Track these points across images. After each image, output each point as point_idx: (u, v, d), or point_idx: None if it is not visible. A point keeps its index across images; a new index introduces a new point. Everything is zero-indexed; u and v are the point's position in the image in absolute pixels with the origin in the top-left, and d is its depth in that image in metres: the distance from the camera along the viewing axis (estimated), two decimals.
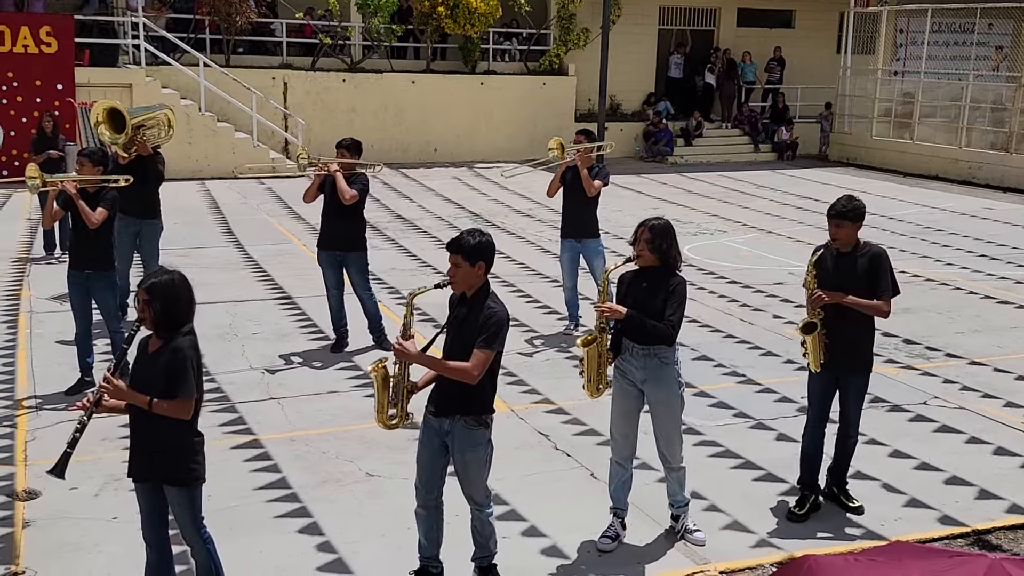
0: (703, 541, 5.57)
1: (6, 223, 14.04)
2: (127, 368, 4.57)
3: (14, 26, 17.13)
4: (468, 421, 4.76)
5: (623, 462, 5.54)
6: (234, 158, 18.87)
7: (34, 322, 9.30)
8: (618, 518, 5.58)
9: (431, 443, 4.87)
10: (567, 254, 9.27)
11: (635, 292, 5.36)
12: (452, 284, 4.78)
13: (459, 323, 4.77)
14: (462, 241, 4.69)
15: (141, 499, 4.48)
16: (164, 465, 4.39)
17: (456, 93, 21.87)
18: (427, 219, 15.35)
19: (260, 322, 9.59)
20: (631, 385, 5.40)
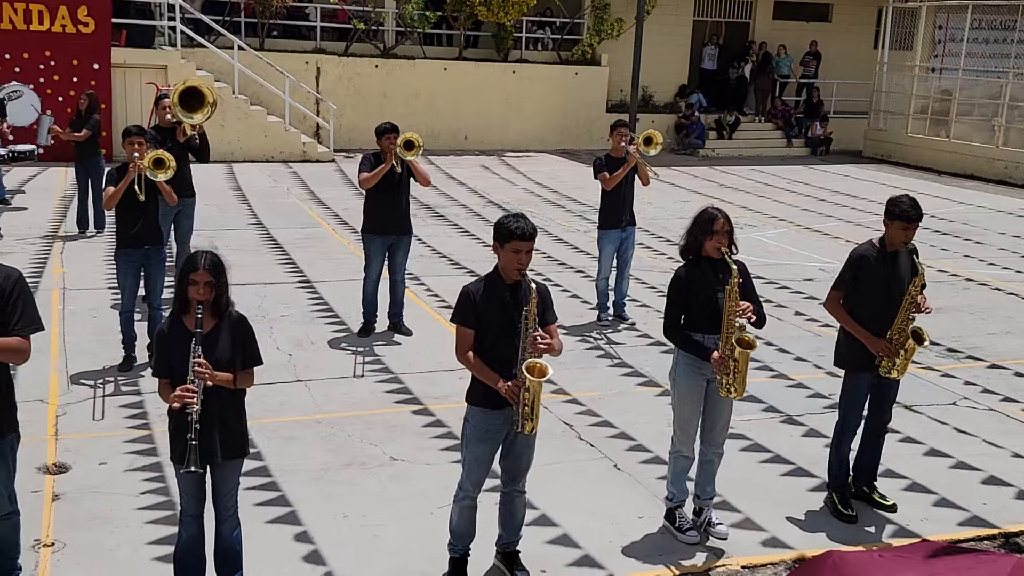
0: (726, 535, 5.55)
1: (41, 200, 14.20)
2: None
3: (52, 6, 17.29)
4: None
5: (691, 454, 5.53)
6: (265, 141, 19.01)
7: (66, 298, 9.42)
8: (685, 508, 5.59)
9: (495, 436, 4.79)
10: (611, 245, 9.26)
11: (716, 284, 5.26)
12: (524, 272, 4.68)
13: (519, 307, 4.64)
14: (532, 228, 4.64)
15: (192, 477, 4.39)
16: (231, 440, 4.43)
17: (487, 81, 21.85)
18: (453, 207, 15.37)
19: (289, 304, 9.65)
20: (702, 378, 5.36)
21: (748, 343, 5.14)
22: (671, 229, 14.17)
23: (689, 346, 5.29)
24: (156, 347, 4.53)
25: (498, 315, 4.66)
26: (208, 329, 4.36)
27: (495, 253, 4.73)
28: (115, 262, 7.75)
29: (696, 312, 5.29)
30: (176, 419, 4.36)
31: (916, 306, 5.61)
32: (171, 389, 4.31)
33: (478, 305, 4.66)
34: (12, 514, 4.47)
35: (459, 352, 4.70)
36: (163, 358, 4.40)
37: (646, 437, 6.88)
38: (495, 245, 4.69)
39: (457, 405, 7.14)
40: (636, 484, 6.20)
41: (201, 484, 4.46)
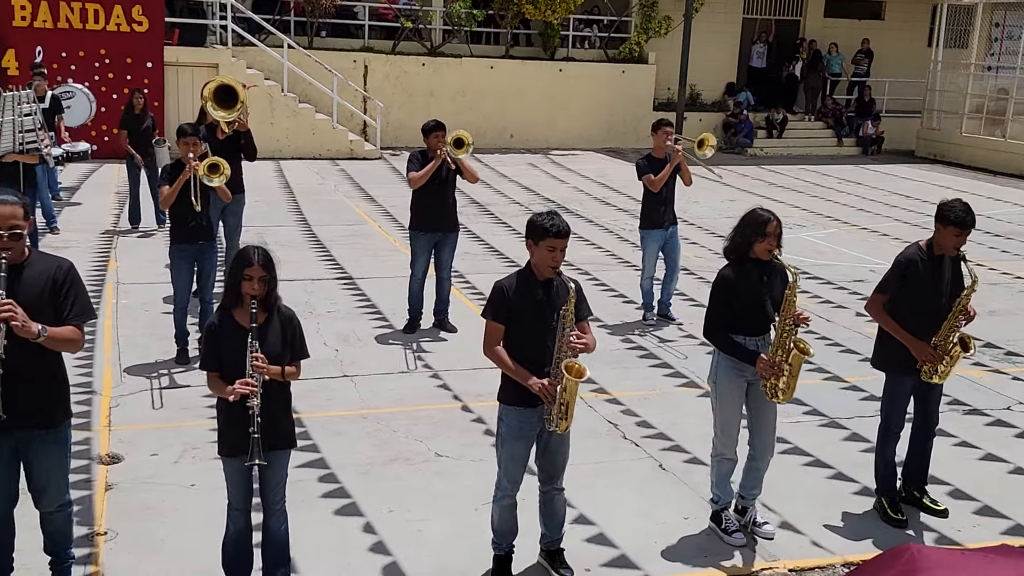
0: (772, 534, 5.51)
1: (96, 196, 14.47)
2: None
3: (108, 5, 17.59)
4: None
5: (733, 456, 5.49)
6: (313, 139, 19.19)
7: (120, 292, 9.59)
8: (731, 509, 5.56)
9: (529, 434, 4.78)
10: (655, 244, 9.22)
11: (761, 287, 5.23)
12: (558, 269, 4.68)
13: (552, 305, 4.68)
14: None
15: (241, 470, 4.43)
16: (281, 432, 4.50)
17: (534, 79, 21.85)
18: (500, 204, 15.39)
19: (335, 300, 9.74)
20: (743, 380, 5.32)
21: (805, 349, 5.09)
22: (718, 228, 14.06)
23: (732, 349, 5.24)
24: (205, 341, 4.57)
25: (530, 311, 4.66)
26: (262, 321, 4.41)
27: (528, 250, 4.73)
28: (169, 257, 7.87)
29: (739, 314, 5.24)
30: (227, 412, 4.42)
31: (965, 313, 5.52)
32: (220, 383, 4.37)
33: (511, 300, 4.66)
34: (66, 505, 4.55)
35: (487, 347, 4.69)
36: (213, 352, 4.44)
37: (691, 438, 6.84)
38: (529, 242, 4.69)
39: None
40: (681, 485, 6.17)
41: (249, 477, 4.50)
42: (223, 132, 9.03)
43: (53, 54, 17.10)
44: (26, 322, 4.04)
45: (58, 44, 17.25)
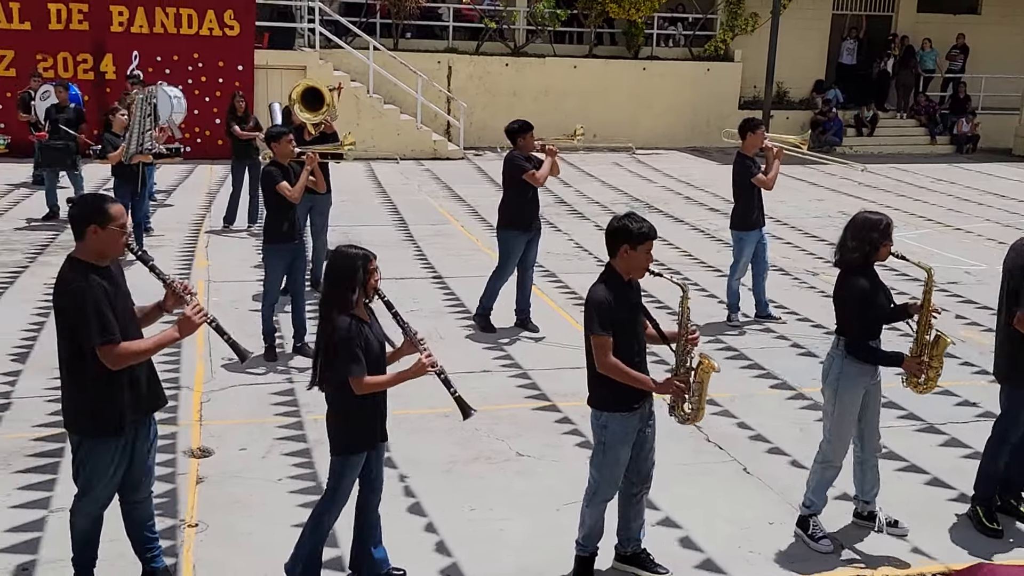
0: (906, 531, 5.46)
1: (188, 195, 14.88)
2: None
3: (201, 9, 18.08)
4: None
5: (840, 464, 5.40)
6: (398, 139, 19.41)
7: (211, 290, 9.84)
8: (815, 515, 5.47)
9: (633, 437, 4.79)
10: (752, 246, 9.10)
11: (884, 290, 5.27)
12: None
13: (639, 305, 4.79)
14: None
15: (357, 465, 4.61)
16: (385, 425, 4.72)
17: (617, 78, 21.73)
18: (583, 203, 15.35)
19: (418, 299, 9.83)
20: (869, 384, 5.25)
21: (946, 339, 5.20)
22: (805, 228, 13.79)
23: (883, 357, 5.23)
24: (349, 348, 4.42)
25: (628, 317, 4.70)
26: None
27: (621, 257, 4.69)
28: (264, 256, 8.03)
29: (872, 320, 5.20)
30: (359, 406, 4.49)
31: None
32: (374, 379, 4.47)
33: (614, 311, 4.65)
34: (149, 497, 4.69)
35: (603, 360, 4.63)
36: (359, 353, 4.44)
37: (777, 441, 6.73)
38: (624, 248, 4.66)
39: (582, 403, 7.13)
40: (766, 489, 6.06)
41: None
42: (309, 133, 9.23)
43: (148, 58, 17.64)
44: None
45: (153, 48, 17.78)
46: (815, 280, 11.12)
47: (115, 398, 4.25)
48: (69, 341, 4.19)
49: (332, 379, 4.51)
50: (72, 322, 4.13)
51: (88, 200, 4.31)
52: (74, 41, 17.47)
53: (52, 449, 6.14)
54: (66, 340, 4.21)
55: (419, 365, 4.52)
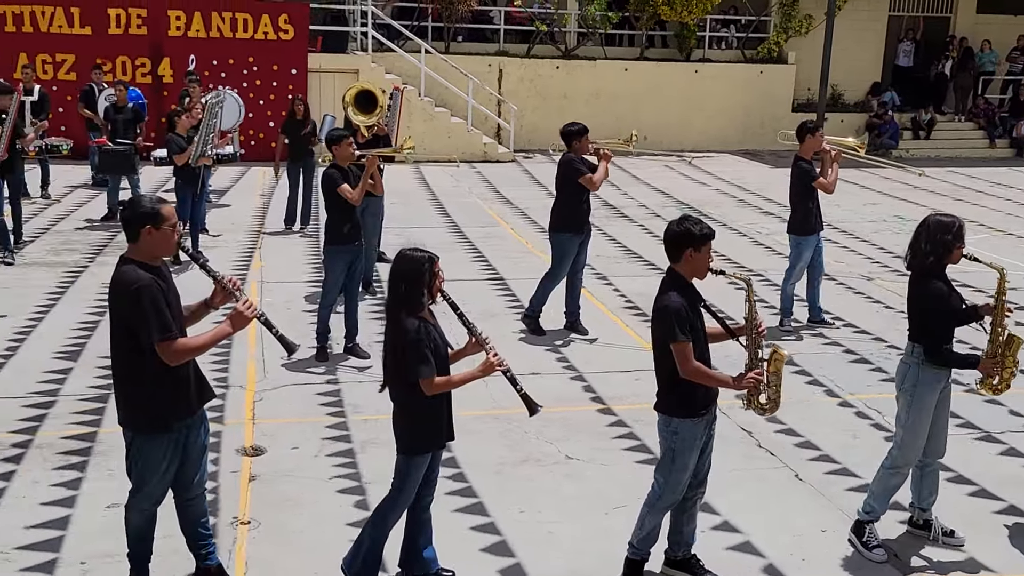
0: (963, 541, 5.37)
1: (243, 197, 15.09)
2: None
3: (256, 14, 18.33)
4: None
5: (908, 471, 5.35)
6: (449, 142, 19.49)
7: (264, 291, 9.96)
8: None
9: (700, 441, 4.79)
10: (810, 251, 9.00)
11: (954, 292, 5.22)
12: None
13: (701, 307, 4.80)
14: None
15: (423, 464, 4.65)
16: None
17: (669, 81, 21.61)
18: (631, 207, 15.29)
19: (468, 301, 9.84)
20: (939, 391, 5.20)
21: (1020, 340, 5.20)
22: (859, 233, 13.60)
23: (960, 360, 5.20)
24: (418, 349, 4.47)
25: (698, 320, 4.71)
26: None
27: (686, 261, 4.68)
28: (325, 258, 8.09)
29: (948, 323, 5.16)
30: (427, 407, 4.54)
31: None
32: (442, 379, 4.53)
33: (690, 317, 4.66)
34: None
35: (688, 367, 4.62)
36: (428, 356, 4.48)
37: (829, 447, 6.64)
38: (689, 252, 4.66)
39: (633, 406, 7.14)
40: (819, 496, 5.98)
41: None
42: (363, 136, 9.31)
43: (205, 62, 17.92)
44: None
45: (210, 52, 18.06)
46: (869, 286, 10.96)
47: (167, 395, 4.34)
48: (126, 339, 4.27)
49: (401, 380, 4.54)
50: (131, 320, 4.21)
51: (141, 202, 4.38)
52: (133, 45, 17.81)
53: (103, 447, 6.25)
54: (123, 338, 4.29)
55: (487, 365, 4.58)
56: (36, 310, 9.05)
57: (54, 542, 5.17)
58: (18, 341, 8.22)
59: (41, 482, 5.81)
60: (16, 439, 6.37)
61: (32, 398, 7.04)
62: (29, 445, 6.29)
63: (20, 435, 6.42)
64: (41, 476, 5.88)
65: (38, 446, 6.28)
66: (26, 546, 5.12)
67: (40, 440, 6.37)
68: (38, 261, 10.84)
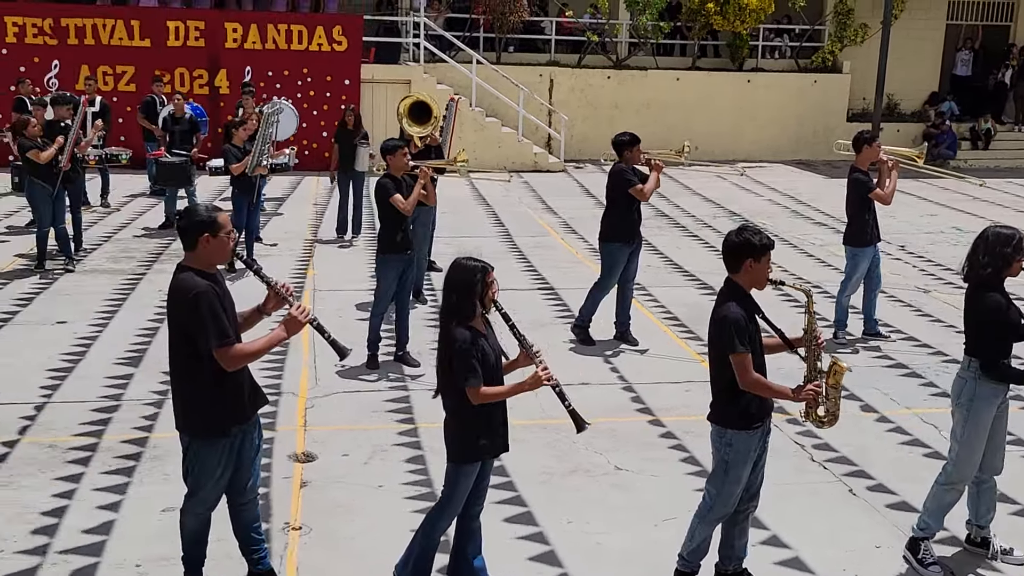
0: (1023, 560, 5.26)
1: (297, 207, 15.28)
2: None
3: (311, 26, 18.60)
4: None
5: (964, 488, 5.27)
6: (499, 152, 19.56)
7: (316, 299, 10.08)
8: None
9: (755, 453, 4.76)
10: (867, 262, 8.89)
11: (1013, 305, 5.13)
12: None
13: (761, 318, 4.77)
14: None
15: (472, 473, 4.67)
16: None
17: (721, 90, 21.48)
18: (682, 217, 15.20)
19: (518, 310, 9.86)
20: (998, 402, 5.13)
21: None
22: (916, 245, 13.38)
23: (1018, 375, 5.09)
24: (466, 358, 4.49)
25: (755, 332, 4.68)
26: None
27: (746, 271, 4.65)
28: (377, 267, 8.17)
29: (1007, 337, 5.07)
30: (476, 416, 4.56)
31: None
32: (490, 389, 4.54)
33: (749, 327, 4.63)
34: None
35: (747, 378, 4.59)
36: (476, 364, 4.51)
37: (883, 462, 6.53)
38: (749, 263, 4.63)
39: (683, 418, 7.10)
40: (873, 512, 5.89)
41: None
42: (416, 146, 9.39)
43: (260, 73, 18.21)
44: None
45: (265, 64, 18.35)
46: (925, 298, 10.78)
47: (223, 401, 4.41)
48: (185, 345, 4.35)
49: (451, 389, 4.58)
50: (189, 326, 4.29)
51: (197, 211, 4.47)
52: (190, 57, 18.17)
53: (160, 451, 6.36)
54: (181, 344, 4.37)
55: (535, 378, 4.56)
56: (96, 316, 9.25)
57: (111, 544, 5.28)
58: (83, 347, 8.40)
59: (101, 485, 5.93)
60: (79, 442, 6.51)
61: (95, 403, 7.19)
62: (95, 448, 6.42)
63: (84, 438, 6.57)
64: (101, 480, 6.01)
65: (100, 450, 6.41)
66: (83, 547, 5.23)
67: (103, 444, 6.50)
68: (98, 268, 11.08)
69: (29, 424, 6.76)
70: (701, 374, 7.88)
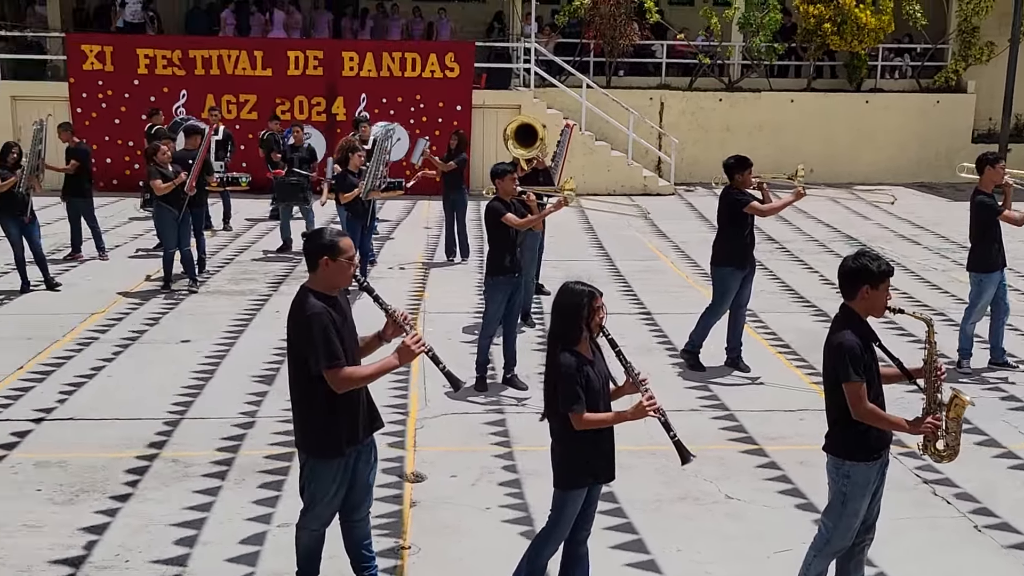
0: None
1: (409, 230, 15.57)
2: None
3: (424, 53, 19.01)
4: None
5: None
6: (608, 176, 19.55)
7: (426, 321, 10.23)
8: None
9: (874, 484, 4.63)
10: (994, 287, 8.56)
11: None
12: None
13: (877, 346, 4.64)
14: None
15: (578, 499, 4.66)
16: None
17: (837, 111, 21.01)
18: (797, 241, 14.88)
19: (623, 335, 9.80)
20: None
21: None
22: None
23: None
24: (569, 383, 4.49)
25: (872, 360, 4.55)
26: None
27: (862, 298, 4.52)
28: (486, 289, 8.25)
29: None
30: (582, 441, 4.56)
31: None
32: (613, 414, 4.57)
33: (864, 356, 4.51)
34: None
35: (861, 408, 4.47)
36: (578, 391, 4.50)
37: (1011, 499, 6.23)
38: (865, 289, 4.51)
39: (796, 447, 6.93)
40: (998, 550, 5.62)
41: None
42: (522, 169, 9.47)
43: (375, 100, 18.68)
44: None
45: (379, 91, 18.81)
46: None
47: (338, 421, 4.51)
48: (300, 365, 4.47)
49: (557, 413, 4.59)
50: (302, 347, 4.41)
51: (322, 234, 4.59)
52: (309, 85, 18.77)
53: (283, 467, 6.54)
54: (297, 364, 4.50)
55: (639, 407, 4.53)
56: (220, 336, 9.60)
57: (229, 559, 5.44)
58: (210, 366, 8.71)
59: (222, 500, 6.13)
60: (204, 458, 6.74)
61: (219, 421, 7.43)
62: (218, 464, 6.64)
63: (209, 454, 6.80)
64: (222, 495, 6.21)
65: (223, 466, 6.63)
66: (203, 561, 5.41)
67: (226, 460, 6.72)
68: (220, 290, 11.50)
69: (159, 440, 7.04)
70: (815, 403, 7.69)
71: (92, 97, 18.42)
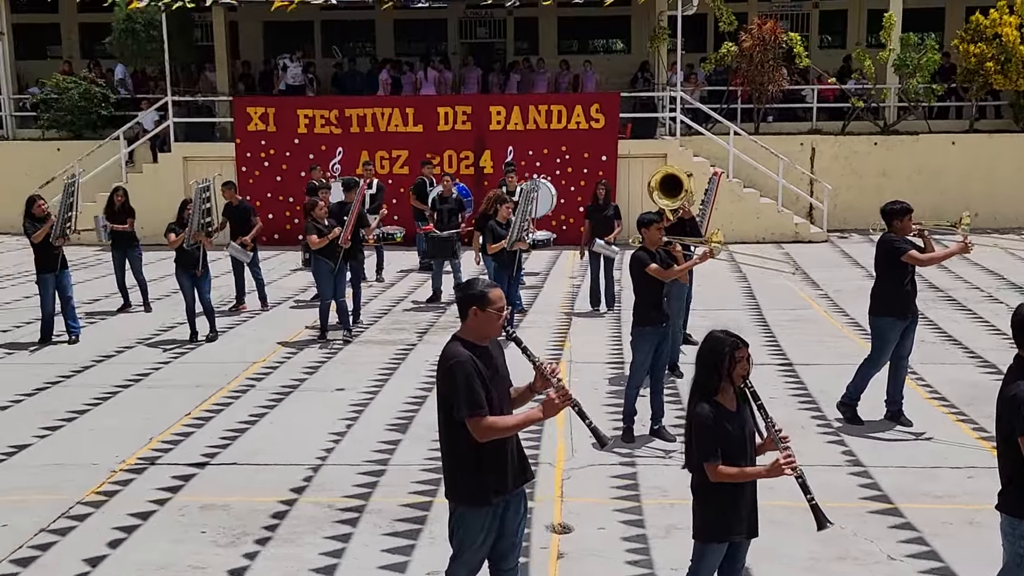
0: None
1: (555, 280, 15.67)
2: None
3: (570, 105, 19.25)
4: None
5: None
6: (757, 223, 19.18)
7: (572, 371, 10.23)
8: None
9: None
10: None
11: None
12: None
13: None
14: None
15: (716, 552, 4.59)
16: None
17: (1003, 153, 20.02)
18: (960, 289, 14.17)
19: (777, 385, 9.53)
20: None
21: None
22: None
23: None
24: (705, 435, 4.47)
25: None
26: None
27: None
28: (633, 339, 8.19)
29: None
30: (721, 493, 4.48)
31: None
32: (733, 468, 4.45)
33: None
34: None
35: None
36: (717, 441, 4.44)
37: None
38: None
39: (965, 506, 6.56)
40: None
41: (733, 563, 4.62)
42: (668, 220, 9.40)
43: (521, 152, 19.00)
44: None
45: (526, 143, 19.13)
46: None
47: (485, 470, 4.54)
48: (446, 413, 4.55)
49: (693, 464, 4.53)
50: (448, 394, 4.49)
51: (473, 284, 4.69)
52: (458, 140, 19.29)
53: (426, 514, 6.63)
54: (445, 412, 4.58)
55: (776, 465, 4.41)
56: (369, 384, 9.88)
57: None
58: (356, 412, 8.98)
59: (368, 545, 6.26)
60: (350, 503, 6.93)
61: (366, 466, 7.63)
62: (363, 510, 6.81)
63: (355, 500, 6.98)
64: (369, 540, 6.34)
65: (369, 511, 6.79)
66: None
67: (371, 505, 6.88)
68: (372, 340, 11.85)
69: (306, 485, 7.27)
70: (985, 460, 7.25)
71: (255, 156, 19.48)
